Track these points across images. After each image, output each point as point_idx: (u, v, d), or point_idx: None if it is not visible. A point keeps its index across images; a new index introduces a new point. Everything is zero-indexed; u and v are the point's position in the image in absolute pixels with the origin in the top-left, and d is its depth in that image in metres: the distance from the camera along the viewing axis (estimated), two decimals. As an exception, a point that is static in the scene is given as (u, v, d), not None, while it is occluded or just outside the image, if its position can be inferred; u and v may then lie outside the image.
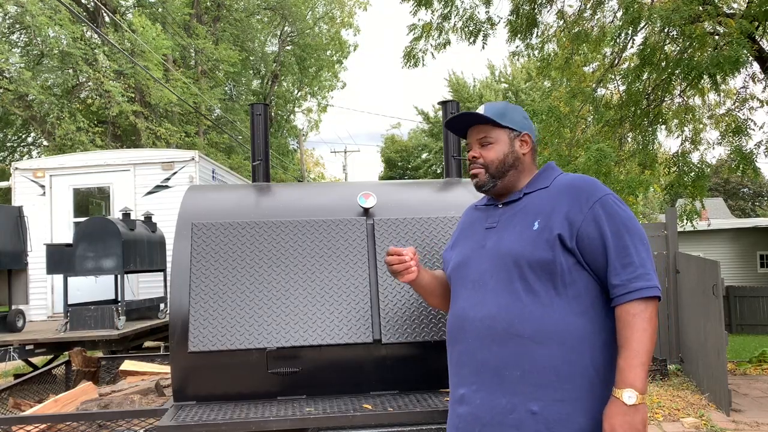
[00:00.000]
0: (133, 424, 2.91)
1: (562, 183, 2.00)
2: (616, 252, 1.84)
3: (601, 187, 1.95)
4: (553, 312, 1.86)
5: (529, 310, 1.87)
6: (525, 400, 1.84)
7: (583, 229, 1.87)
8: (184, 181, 9.35)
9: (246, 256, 2.95)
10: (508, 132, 2.10)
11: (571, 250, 1.88)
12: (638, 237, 1.86)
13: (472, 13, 10.42)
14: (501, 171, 2.08)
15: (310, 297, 2.89)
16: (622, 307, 1.81)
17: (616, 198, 1.94)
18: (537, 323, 1.85)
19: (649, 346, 1.76)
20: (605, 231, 1.86)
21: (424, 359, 2.92)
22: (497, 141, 2.10)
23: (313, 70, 30.73)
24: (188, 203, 3.18)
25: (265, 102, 4.23)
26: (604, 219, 1.87)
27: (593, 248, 1.87)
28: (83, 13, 19.73)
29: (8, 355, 6.72)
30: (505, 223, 2.03)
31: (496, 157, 2.09)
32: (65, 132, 17.08)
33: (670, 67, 8.65)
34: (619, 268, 1.83)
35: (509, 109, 2.13)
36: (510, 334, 1.87)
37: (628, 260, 1.83)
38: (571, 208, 1.91)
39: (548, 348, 1.83)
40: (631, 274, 1.81)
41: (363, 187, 3.27)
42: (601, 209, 1.88)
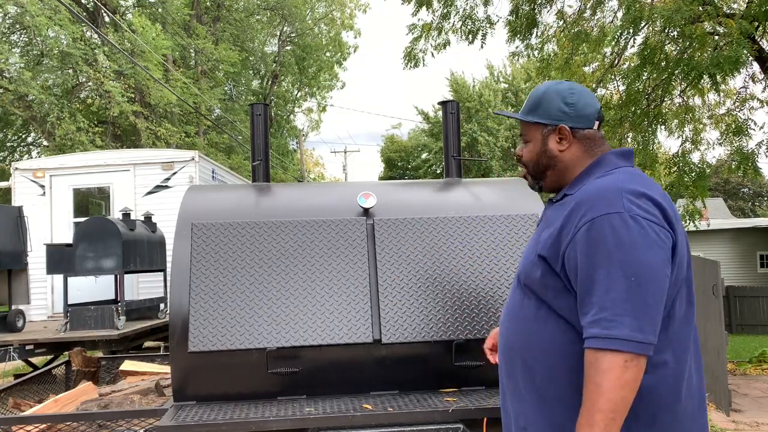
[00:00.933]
0: (133, 424, 2.91)
1: (582, 192, 1.70)
2: (585, 287, 1.57)
3: (609, 203, 1.60)
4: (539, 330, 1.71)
5: (521, 324, 1.77)
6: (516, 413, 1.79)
7: (568, 251, 1.63)
8: (184, 181, 9.35)
9: (246, 256, 2.95)
10: (540, 128, 1.84)
11: (557, 274, 1.67)
12: (623, 272, 1.52)
13: (470, 12, 10.42)
14: (539, 172, 1.87)
15: (310, 297, 2.89)
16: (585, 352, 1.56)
17: (624, 217, 1.56)
18: (526, 339, 1.74)
19: (603, 404, 1.47)
20: (580, 260, 1.59)
21: (424, 359, 2.92)
22: (532, 139, 1.87)
23: (312, 70, 30.74)
24: (188, 203, 3.18)
25: (265, 102, 4.23)
26: (583, 244, 1.58)
27: (573, 277, 1.62)
28: (83, 13, 19.73)
29: (8, 355, 6.72)
30: (538, 228, 1.87)
31: (530, 158, 1.88)
32: (65, 132, 17.08)
33: (670, 67, 8.65)
34: (586, 306, 1.57)
35: (547, 96, 1.84)
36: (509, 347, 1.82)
37: (594, 299, 1.55)
38: (564, 225, 1.66)
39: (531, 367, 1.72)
40: (593, 317, 1.54)
41: (363, 187, 3.27)
42: (586, 233, 1.59)
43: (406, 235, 3.07)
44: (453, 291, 2.96)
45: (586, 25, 10.19)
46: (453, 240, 3.08)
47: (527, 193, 3.40)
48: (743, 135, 9.20)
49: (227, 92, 26.15)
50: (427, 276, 2.98)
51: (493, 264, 3.04)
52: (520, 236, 3.12)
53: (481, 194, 3.41)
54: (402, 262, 3.00)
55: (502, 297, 2.95)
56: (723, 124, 10.12)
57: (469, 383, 2.94)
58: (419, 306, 2.91)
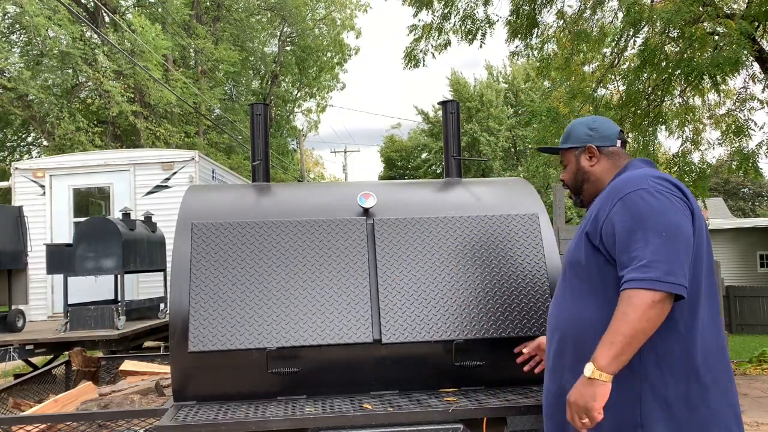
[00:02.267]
0: (133, 424, 2.92)
1: (612, 183, 2.11)
2: (625, 247, 1.88)
3: (637, 182, 1.97)
4: (586, 308, 2.00)
5: (567, 307, 2.09)
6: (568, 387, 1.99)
7: (604, 227, 1.97)
8: (183, 181, 9.34)
9: (246, 256, 2.95)
10: (573, 152, 2.31)
11: (598, 249, 1.99)
12: (655, 231, 1.85)
13: (470, 12, 10.41)
14: (577, 188, 2.31)
15: (310, 297, 2.89)
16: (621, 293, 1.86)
17: (653, 191, 1.92)
18: (571, 320, 2.05)
19: (626, 328, 1.78)
20: (618, 227, 1.92)
21: (424, 359, 2.92)
22: (568, 162, 2.33)
23: (313, 71, 30.72)
24: (188, 203, 3.18)
25: (265, 102, 4.23)
26: (620, 215, 1.93)
27: (611, 245, 1.94)
28: (83, 13, 19.72)
29: (8, 355, 6.72)
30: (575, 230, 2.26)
31: (569, 177, 2.33)
32: (65, 132, 17.07)
33: (670, 68, 8.65)
34: (625, 262, 1.87)
35: (575, 126, 2.33)
36: (555, 328, 2.14)
37: (634, 254, 1.85)
38: (602, 206, 2.02)
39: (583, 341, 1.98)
40: (632, 267, 1.84)
41: (363, 187, 3.27)
42: (620, 205, 1.94)
43: (406, 235, 3.07)
44: (453, 291, 2.96)
45: (586, 25, 10.18)
46: (453, 240, 3.08)
47: (527, 193, 3.40)
48: (743, 135, 9.19)
49: (227, 92, 26.14)
50: (427, 276, 2.98)
51: (493, 264, 3.04)
52: (520, 236, 3.12)
53: (482, 194, 3.41)
54: (402, 262, 3.00)
55: (503, 297, 2.95)
56: (723, 125, 10.12)
57: (469, 383, 2.93)
58: (419, 306, 2.91)
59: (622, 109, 9.71)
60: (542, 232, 3.15)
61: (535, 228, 3.14)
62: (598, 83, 10.37)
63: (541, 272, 3.01)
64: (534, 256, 3.07)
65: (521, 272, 3.02)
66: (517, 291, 2.97)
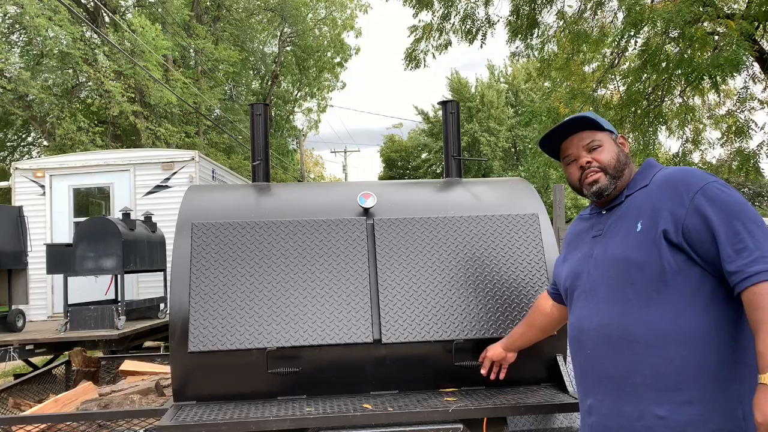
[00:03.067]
0: (133, 424, 2.92)
1: (661, 178, 1.97)
2: (727, 239, 1.77)
3: (702, 176, 1.88)
4: (667, 313, 1.83)
5: (642, 314, 1.86)
6: (651, 405, 1.82)
7: (687, 222, 1.83)
8: (184, 181, 9.35)
9: (246, 256, 2.95)
10: (610, 134, 2.14)
11: (678, 246, 1.84)
12: (751, 220, 1.78)
13: (471, 12, 10.42)
14: (619, 170, 2.08)
15: (310, 297, 2.89)
16: (747, 292, 1.72)
17: (721, 184, 1.86)
18: (651, 327, 1.84)
19: None
20: (711, 220, 1.80)
21: (424, 359, 2.91)
22: (605, 143, 2.11)
23: (313, 71, 30.72)
24: (188, 203, 3.18)
25: (265, 102, 4.23)
26: (708, 208, 1.81)
27: (702, 240, 1.81)
28: (83, 13, 19.72)
29: (8, 355, 6.72)
30: (610, 230, 2.03)
31: (611, 157, 2.09)
32: (65, 132, 17.07)
33: (670, 68, 8.65)
34: (733, 255, 1.76)
35: (598, 116, 2.16)
36: (625, 341, 1.88)
37: (742, 245, 1.75)
38: (674, 202, 1.87)
39: (666, 351, 1.81)
40: (747, 259, 1.73)
41: (363, 187, 3.27)
42: (704, 198, 1.83)
43: (406, 234, 3.07)
44: (453, 291, 2.96)
45: (586, 26, 10.18)
46: (453, 240, 3.08)
47: (527, 193, 3.39)
48: (744, 136, 9.20)
49: (227, 92, 26.14)
50: (426, 276, 2.98)
51: (492, 264, 3.04)
52: (520, 236, 3.12)
53: (481, 194, 3.41)
54: (402, 262, 3.00)
55: (502, 297, 2.95)
56: (724, 125, 10.12)
57: (469, 383, 2.93)
58: (419, 306, 2.91)
59: (622, 110, 9.71)
60: (542, 232, 3.15)
61: (535, 228, 3.14)
62: (598, 83, 10.37)
63: (540, 272, 3.01)
64: (534, 256, 3.06)
65: (521, 272, 3.02)
66: (516, 291, 2.97)
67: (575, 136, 2.14)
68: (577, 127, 2.13)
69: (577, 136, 2.13)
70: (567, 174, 2.20)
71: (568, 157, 2.17)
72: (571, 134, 2.15)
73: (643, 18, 8.07)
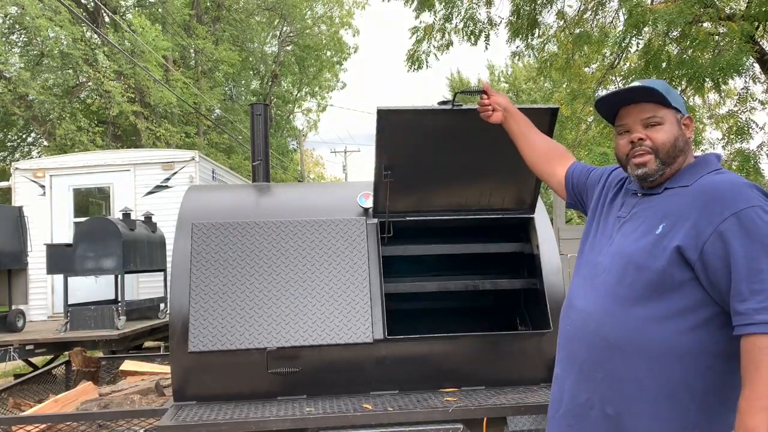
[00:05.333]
0: (133, 424, 2.92)
1: (703, 184, 1.76)
2: (746, 275, 1.60)
3: (749, 196, 1.66)
4: (647, 325, 1.73)
5: (623, 315, 1.77)
6: (603, 401, 1.80)
7: (709, 243, 1.66)
8: (184, 181, 9.34)
9: (246, 256, 2.95)
10: (675, 112, 1.87)
11: (690, 264, 1.69)
12: None
13: (472, 13, 10.41)
14: (672, 156, 1.84)
15: (310, 297, 2.89)
16: (746, 339, 1.58)
17: (766, 211, 1.64)
18: (626, 331, 1.76)
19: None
20: (735, 249, 1.62)
21: (424, 359, 2.92)
22: (666, 121, 1.86)
23: (312, 70, 30.72)
24: (188, 203, 3.18)
25: (264, 102, 4.24)
26: (737, 235, 1.62)
27: (717, 267, 1.65)
28: (83, 13, 19.73)
29: (8, 355, 6.72)
30: (634, 218, 1.87)
31: (667, 139, 1.84)
32: (65, 132, 17.07)
33: (671, 69, 8.64)
34: (746, 294, 1.59)
35: (671, 90, 1.90)
36: (599, 336, 1.82)
37: (760, 287, 1.58)
38: (702, 216, 1.69)
39: (632, 359, 1.74)
40: (760, 303, 1.57)
41: (363, 187, 3.27)
42: (737, 223, 1.63)
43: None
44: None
45: (586, 26, 10.18)
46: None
47: None
48: (745, 136, 9.20)
49: (227, 92, 26.14)
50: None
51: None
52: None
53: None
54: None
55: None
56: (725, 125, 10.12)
57: (469, 383, 2.93)
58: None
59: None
60: (539, 232, 3.15)
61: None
62: (598, 84, 10.37)
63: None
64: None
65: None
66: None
67: (636, 106, 1.88)
68: (641, 96, 1.88)
69: (638, 106, 1.88)
70: (616, 144, 1.97)
71: (622, 126, 1.93)
72: (633, 103, 1.90)
73: (644, 20, 8.06)
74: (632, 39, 8.76)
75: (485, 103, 2.45)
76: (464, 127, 2.72)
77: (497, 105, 2.42)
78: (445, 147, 2.81)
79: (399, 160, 2.83)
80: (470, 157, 2.87)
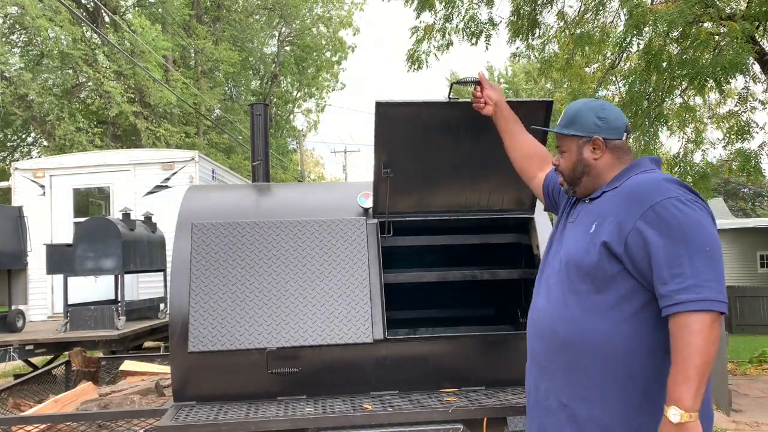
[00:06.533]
0: (133, 424, 2.91)
1: (629, 184, 1.94)
2: (665, 260, 1.75)
3: (664, 190, 1.83)
4: (590, 317, 1.89)
5: (569, 312, 1.94)
6: (558, 391, 1.96)
7: (631, 236, 1.82)
8: (184, 181, 9.34)
9: (246, 256, 2.95)
10: (576, 140, 2.08)
11: (617, 257, 1.85)
12: (697, 245, 1.74)
13: (473, 14, 10.40)
14: (575, 179, 2.10)
15: (310, 297, 2.89)
16: (671, 319, 1.73)
17: (682, 201, 1.80)
18: (573, 326, 1.92)
19: (698, 359, 1.66)
20: (653, 239, 1.78)
21: (424, 359, 2.91)
22: (568, 150, 2.12)
23: (312, 70, 30.72)
24: (188, 203, 3.18)
25: (264, 102, 4.24)
26: (654, 225, 1.79)
27: (641, 257, 1.80)
28: (83, 13, 19.73)
29: (8, 355, 6.72)
30: (577, 222, 2.07)
31: (566, 166, 2.12)
32: (65, 132, 17.07)
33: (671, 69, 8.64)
34: (667, 278, 1.74)
35: (582, 111, 2.10)
36: (551, 331, 1.99)
37: (678, 270, 1.73)
38: (625, 212, 1.86)
39: (580, 350, 1.90)
40: (679, 285, 1.72)
41: (363, 187, 3.27)
42: (653, 215, 1.80)
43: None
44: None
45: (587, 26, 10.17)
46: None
47: None
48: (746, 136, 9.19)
49: (227, 92, 26.14)
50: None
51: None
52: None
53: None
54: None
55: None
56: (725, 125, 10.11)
57: (469, 383, 2.93)
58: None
59: (623, 110, 9.70)
60: (539, 232, 3.15)
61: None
62: (599, 84, 10.36)
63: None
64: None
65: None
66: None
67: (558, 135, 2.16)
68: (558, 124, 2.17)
69: (558, 135, 2.15)
70: None
71: None
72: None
73: (645, 20, 8.05)
74: (633, 39, 8.74)
75: (478, 96, 2.54)
76: (464, 123, 2.72)
77: (489, 99, 2.52)
78: (444, 143, 2.81)
79: (398, 156, 2.83)
80: (470, 155, 2.86)
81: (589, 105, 2.12)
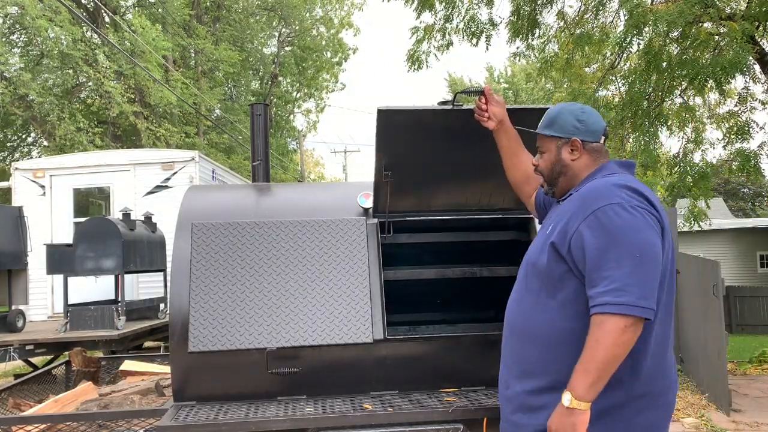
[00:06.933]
0: (133, 424, 2.91)
1: (585, 188, 2.03)
2: (596, 264, 1.84)
3: (613, 194, 1.90)
4: (541, 314, 2.01)
5: (524, 309, 2.08)
6: (516, 381, 2.09)
7: (574, 238, 1.92)
8: (184, 181, 9.34)
9: (246, 256, 2.95)
10: (555, 141, 2.16)
11: (564, 258, 1.95)
12: (629, 251, 1.81)
13: (473, 14, 10.40)
14: (552, 179, 2.19)
15: (310, 297, 2.89)
16: (591, 318, 1.83)
17: (622, 207, 1.87)
18: (526, 322, 2.06)
19: (600, 356, 1.76)
20: (589, 242, 1.87)
21: (424, 359, 2.92)
22: (547, 150, 2.20)
23: (311, 71, 30.72)
24: (188, 203, 3.18)
25: (264, 102, 4.24)
26: (593, 229, 1.87)
27: (580, 258, 1.90)
28: (83, 13, 19.73)
29: (8, 355, 6.72)
30: (545, 223, 2.20)
31: (545, 166, 2.20)
32: (65, 132, 17.07)
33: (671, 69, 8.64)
34: (596, 280, 1.84)
35: (563, 113, 2.17)
36: (509, 325, 2.15)
37: (606, 273, 1.81)
38: (573, 215, 1.95)
39: (530, 344, 2.03)
40: (605, 287, 1.80)
41: (363, 187, 3.27)
42: (594, 219, 1.88)
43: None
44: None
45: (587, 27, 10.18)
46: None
47: None
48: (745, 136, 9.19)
49: (227, 92, 26.13)
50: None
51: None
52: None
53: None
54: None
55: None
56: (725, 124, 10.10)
57: (469, 383, 2.93)
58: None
59: (623, 110, 9.70)
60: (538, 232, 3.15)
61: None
62: (599, 84, 10.37)
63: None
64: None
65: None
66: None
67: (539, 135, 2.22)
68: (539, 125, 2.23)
69: (539, 135, 2.22)
70: None
71: None
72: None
73: (645, 20, 8.05)
74: (633, 39, 8.74)
75: (482, 108, 2.56)
76: (464, 127, 2.72)
77: (493, 116, 2.55)
78: (445, 147, 2.81)
79: (399, 160, 2.83)
80: (470, 157, 2.87)
81: (570, 108, 2.19)
